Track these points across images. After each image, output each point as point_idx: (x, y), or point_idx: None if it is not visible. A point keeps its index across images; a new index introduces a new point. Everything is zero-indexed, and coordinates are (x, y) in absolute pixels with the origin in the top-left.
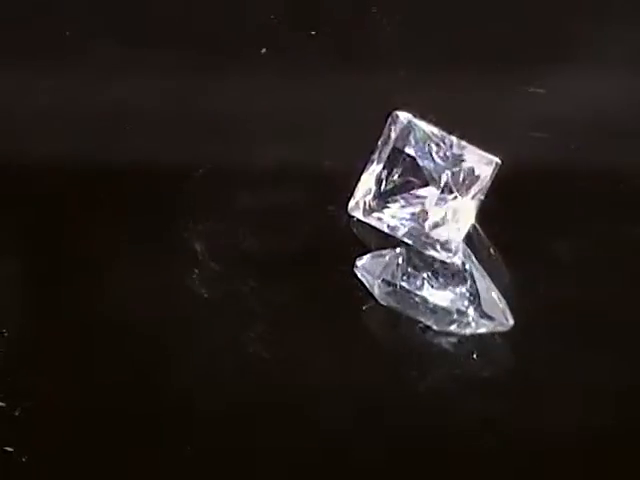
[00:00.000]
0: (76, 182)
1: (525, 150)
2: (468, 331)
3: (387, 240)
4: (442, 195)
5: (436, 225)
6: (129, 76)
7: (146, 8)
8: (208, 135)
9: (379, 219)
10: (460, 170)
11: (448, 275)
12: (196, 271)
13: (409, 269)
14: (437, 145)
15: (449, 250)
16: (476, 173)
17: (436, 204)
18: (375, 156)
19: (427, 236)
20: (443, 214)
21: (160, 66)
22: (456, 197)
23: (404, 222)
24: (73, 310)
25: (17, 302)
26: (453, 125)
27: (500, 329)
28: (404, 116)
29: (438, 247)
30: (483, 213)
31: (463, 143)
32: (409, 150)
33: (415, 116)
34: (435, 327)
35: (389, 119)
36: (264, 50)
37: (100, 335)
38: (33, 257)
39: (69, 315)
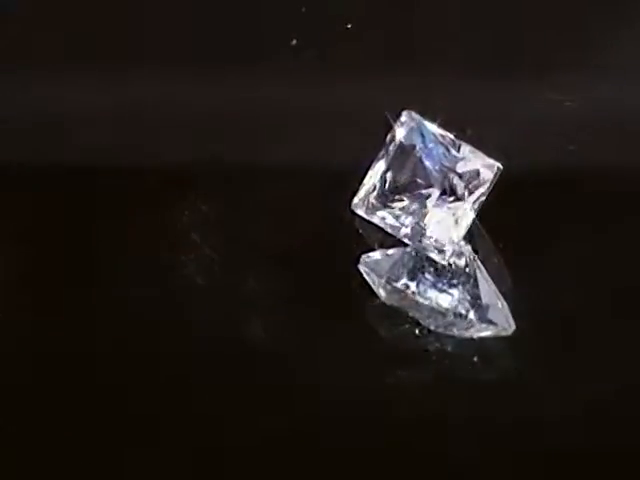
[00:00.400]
0: (77, 182)
1: (527, 153)
2: (469, 334)
3: (390, 239)
4: (444, 197)
5: (437, 226)
6: (129, 75)
7: (150, 5)
8: (211, 133)
9: (383, 218)
10: (463, 173)
11: (452, 278)
12: (197, 268)
13: (414, 270)
14: (443, 146)
15: (448, 252)
16: (479, 176)
17: (438, 205)
18: (381, 154)
19: (428, 237)
20: (444, 216)
21: (161, 65)
22: (458, 199)
23: (405, 222)
24: (72, 307)
25: (16, 299)
26: (457, 127)
27: (503, 334)
28: (413, 116)
29: (437, 249)
30: (484, 216)
31: (467, 146)
32: (416, 150)
33: (424, 116)
34: (437, 329)
35: (398, 118)
36: (294, 41)
37: (99, 331)
38: (33, 257)
39: (68, 312)
